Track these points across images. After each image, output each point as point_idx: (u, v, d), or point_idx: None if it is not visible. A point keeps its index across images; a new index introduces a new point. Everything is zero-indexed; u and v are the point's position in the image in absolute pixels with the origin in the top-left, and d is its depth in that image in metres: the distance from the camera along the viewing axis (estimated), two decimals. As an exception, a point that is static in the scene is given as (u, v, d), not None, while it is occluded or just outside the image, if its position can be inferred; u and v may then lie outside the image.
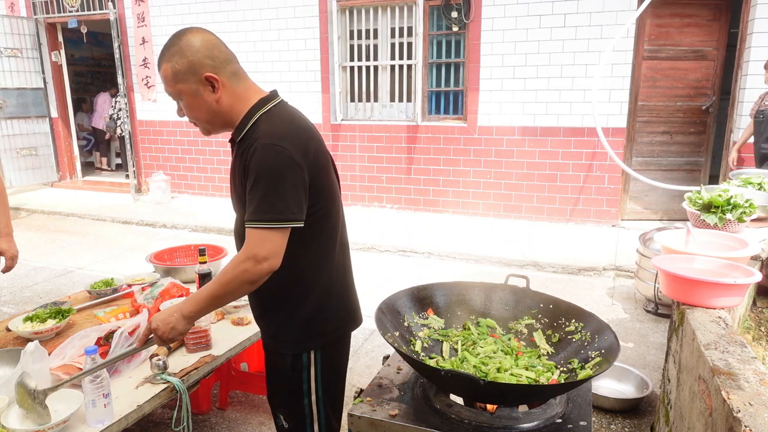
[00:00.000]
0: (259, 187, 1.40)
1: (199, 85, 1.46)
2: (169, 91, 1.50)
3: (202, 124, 1.55)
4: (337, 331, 1.66)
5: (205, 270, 2.59)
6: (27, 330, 2.21)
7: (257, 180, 1.40)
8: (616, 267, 4.95)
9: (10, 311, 4.18)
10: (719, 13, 5.62)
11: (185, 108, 1.52)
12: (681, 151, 6.06)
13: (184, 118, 1.58)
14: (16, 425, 1.55)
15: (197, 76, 1.45)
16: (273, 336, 1.65)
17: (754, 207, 2.64)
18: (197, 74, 1.45)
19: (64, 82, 8.94)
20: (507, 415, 1.47)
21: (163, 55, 1.47)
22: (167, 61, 1.46)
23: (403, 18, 6.53)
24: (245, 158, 1.44)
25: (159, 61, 1.49)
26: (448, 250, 5.44)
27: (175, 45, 1.47)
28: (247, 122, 1.50)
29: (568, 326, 1.74)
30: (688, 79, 5.83)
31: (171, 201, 7.88)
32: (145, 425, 2.69)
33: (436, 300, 1.91)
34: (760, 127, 4.87)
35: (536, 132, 6.20)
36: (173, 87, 1.48)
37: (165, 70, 1.47)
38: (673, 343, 2.33)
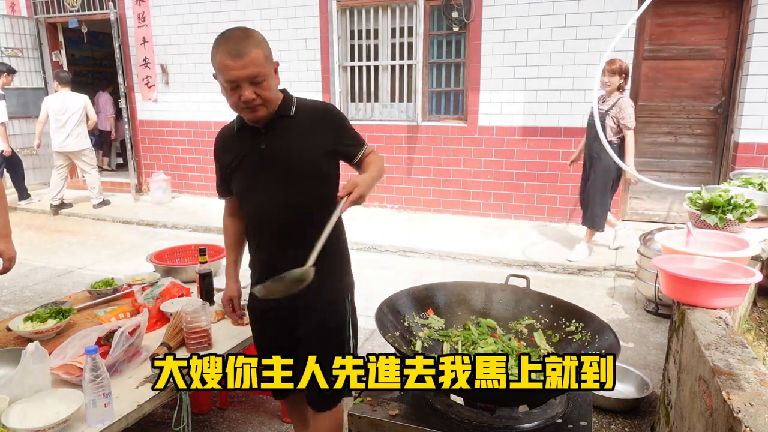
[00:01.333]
0: (351, 128, 1.93)
1: (273, 69, 1.77)
2: (256, 72, 1.68)
3: (269, 105, 1.77)
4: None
5: (206, 270, 2.59)
6: (27, 330, 2.22)
7: (348, 125, 1.93)
8: (617, 267, 4.95)
9: (11, 311, 4.18)
10: (728, 11, 5.53)
11: (265, 89, 1.72)
12: (687, 153, 5.96)
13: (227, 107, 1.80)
14: (16, 425, 1.55)
15: (272, 62, 1.76)
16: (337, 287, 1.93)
17: (754, 207, 2.64)
18: (272, 60, 1.76)
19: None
20: (507, 415, 1.48)
21: (247, 43, 1.68)
22: (256, 46, 1.69)
23: (404, 18, 6.53)
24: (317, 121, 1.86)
25: (245, 47, 1.66)
26: (448, 250, 5.44)
27: (256, 34, 1.74)
28: (291, 100, 1.88)
29: (569, 326, 1.74)
30: (694, 78, 5.76)
31: (171, 201, 7.89)
32: (145, 425, 2.69)
33: (437, 300, 1.91)
34: (592, 129, 4.75)
35: (536, 132, 6.20)
36: (262, 68, 1.70)
37: (257, 54, 1.68)
38: (673, 344, 2.33)
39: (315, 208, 1.82)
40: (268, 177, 1.84)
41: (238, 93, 1.70)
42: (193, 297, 2.61)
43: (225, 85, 1.71)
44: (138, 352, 2.03)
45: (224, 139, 1.97)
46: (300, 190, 1.84)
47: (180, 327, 2.15)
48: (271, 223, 1.87)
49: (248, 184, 1.89)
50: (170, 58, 7.80)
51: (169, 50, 7.78)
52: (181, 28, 7.61)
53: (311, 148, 1.84)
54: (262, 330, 2.04)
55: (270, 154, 1.83)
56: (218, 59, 1.68)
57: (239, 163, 1.88)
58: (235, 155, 1.89)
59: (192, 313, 2.12)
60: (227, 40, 1.68)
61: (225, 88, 1.72)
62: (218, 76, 1.73)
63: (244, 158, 1.87)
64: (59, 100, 7.07)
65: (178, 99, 7.94)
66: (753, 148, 5.39)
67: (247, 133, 1.87)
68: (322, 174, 1.86)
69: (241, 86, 1.69)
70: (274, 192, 1.84)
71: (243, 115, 1.82)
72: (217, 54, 1.68)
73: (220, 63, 1.67)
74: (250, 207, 1.92)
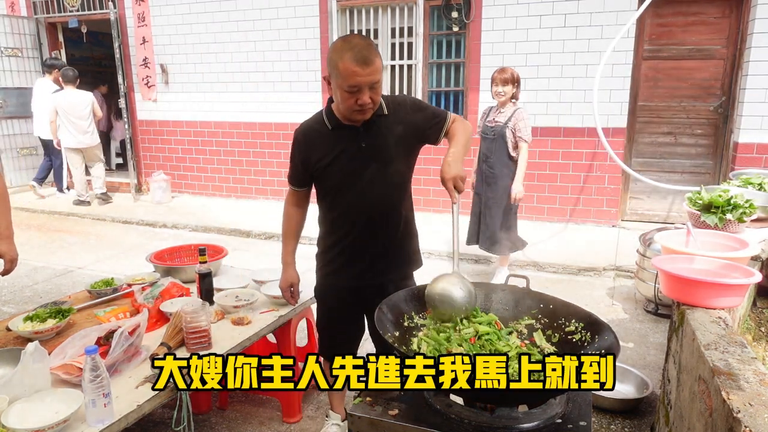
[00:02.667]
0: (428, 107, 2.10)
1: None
2: (378, 79, 1.85)
3: (376, 107, 1.94)
4: None
5: (205, 270, 2.59)
6: (27, 330, 2.21)
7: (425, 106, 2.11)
8: (616, 267, 4.95)
9: (11, 311, 4.18)
10: (728, 11, 5.53)
11: (378, 94, 1.89)
12: (686, 153, 5.96)
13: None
14: (15, 425, 1.55)
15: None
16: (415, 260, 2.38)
17: (754, 207, 2.64)
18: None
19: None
20: (507, 415, 1.48)
21: (371, 51, 1.82)
22: (377, 55, 1.85)
23: (404, 18, 6.53)
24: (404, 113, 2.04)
25: (370, 55, 1.81)
26: (448, 249, 5.44)
27: (373, 42, 1.89)
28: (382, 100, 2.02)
29: (568, 326, 1.74)
30: (694, 78, 5.75)
31: (171, 201, 7.89)
32: (145, 425, 2.69)
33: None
34: (488, 144, 4.38)
35: (537, 132, 6.18)
36: (381, 75, 1.88)
37: (379, 62, 1.85)
38: (673, 344, 2.33)
39: (403, 197, 2.17)
40: (366, 173, 2.03)
41: (356, 97, 1.85)
42: (192, 297, 2.61)
43: (346, 89, 1.84)
44: (138, 352, 2.03)
45: (313, 135, 2.08)
46: (394, 184, 2.10)
47: (180, 327, 2.15)
48: (364, 213, 2.09)
49: (347, 179, 2.06)
50: (170, 58, 7.80)
51: (168, 50, 7.78)
52: (180, 27, 7.61)
53: (403, 144, 2.06)
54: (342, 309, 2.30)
55: (370, 152, 2.02)
56: (344, 65, 1.80)
57: (334, 159, 2.03)
58: (329, 152, 2.04)
59: (192, 313, 2.12)
60: (352, 47, 1.81)
61: (342, 91, 1.86)
62: (338, 80, 1.85)
63: (341, 155, 2.03)
64: (67, 98, 7.15)
65: (177, 99, 7.94)
66: (753, 148, 5.39)
67: (343, 132, 2.02)
68: (410, 167, 2.16)
69: (361, 90, 1.83)
70: (372, 186, 2.05)
71: (354, 116, 1.95)
72: (343, 60, 1.80)
73: (347, 69, 1.80)
74: (346, 199, 2.09)
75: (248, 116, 7.51)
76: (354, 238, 2.14)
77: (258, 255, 5.60)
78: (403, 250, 2.25)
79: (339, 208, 2.14)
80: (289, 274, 2.35)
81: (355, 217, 2.11)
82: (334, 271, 2.24)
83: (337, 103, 1.99)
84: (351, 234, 2.14)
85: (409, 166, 2.16)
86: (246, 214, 7.14)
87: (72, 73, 7.18)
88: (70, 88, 7.15)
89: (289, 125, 7.22)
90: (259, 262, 5.15)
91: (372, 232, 2.13)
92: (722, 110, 5.74)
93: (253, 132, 7.53)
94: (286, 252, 2.32)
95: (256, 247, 5.91)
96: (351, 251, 2.17)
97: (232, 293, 2.66)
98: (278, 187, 7.61)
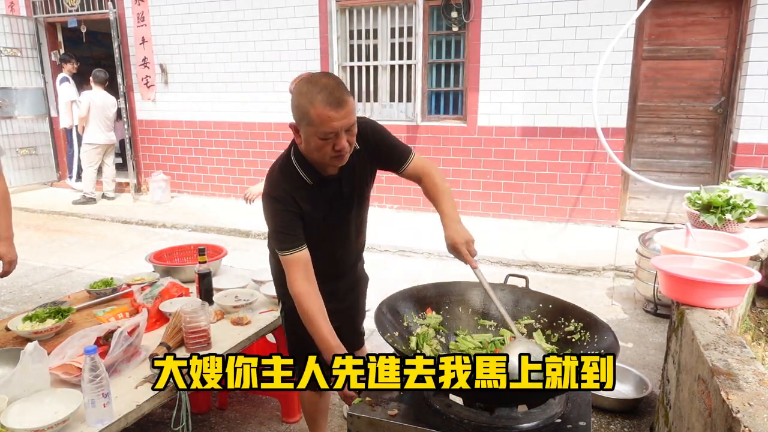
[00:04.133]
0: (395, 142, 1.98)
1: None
2: (353, 121, 1.68)
3: (352, 149, 1.76)
4: None
5: (205, 270, 2.59)
6: (26, 329, 2.21)
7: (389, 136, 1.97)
8: (616, 267, 4.95)
9: (10, 311, 4.18)
10: (727, 11, 5.52)
11: (353, 135, 1.72)
12: (686, 153, 5.96)
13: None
14: (15, 425, 1.55)
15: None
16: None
17: (753, 207, 2.65)
18: None
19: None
20: (506, 415, 1.48)
21: (342, 90, 1.64)
22: (349, 94, 1.66)
23: (403, 18, 6.53)
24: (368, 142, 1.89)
25: (343, 95, 1.63)
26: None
27: (338, 77, 1.77)
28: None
29: (568, 326, 1.74)
30: (693, 78, 5.75)
31: (171, 201, 7.88)
32: (144, 425, 2.69)
33: (436, 300, 1.91)
34: None
35: (536, 132, 6.20)
36: (355, 115, 1.69)
37: (352, 101, 1.67)
38: (672, 344, 2.34)
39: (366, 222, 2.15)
40: (350, 215, 1.98)
41: (333, 143, 1.66)
42: (192, 297, 2.61)
43: (321, 137, 1.64)
44: (137, 352, 2.03)
45: (293, 191, 1.82)
46: (366, 214, 2.10)
47: (179, 327, 2.15)
48: (349, 253, 2.11)
49: (331, 229, 1.96)
50: (169, 58, 7.80)
51: (168, 50, 7.77)
52: (180, 28, 7.61)
53: (372, 174, 2.00)
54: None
55: (350, 194, 1.93)
56: (316, 111, 1.60)
57: (323, 213, 1.89)
58: (316, 207, 1.86)
59: (191, 313, 2.11)
60: (322, 89, 1.61)
61: (317, 139, 1.66)
62: (311, 127, 1.65)
63: (326, 206, 1.89)
64: (100, 97, 7.45)
65: (177, 99, 7.94)
66: (752, 148, 5.39)
67: (327, 185, 1.87)
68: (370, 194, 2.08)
69: (338, 135, 1.65)
70: (354, 227, 2.03)
71: (332, 163, 1.75)
72: (314, 105, 1.60)
73: (320, 114, 1.60)
74: (323, 247, 1.93)
75: (248, 116, 7.51)
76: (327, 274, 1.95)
77: (258, 255, 5.60)
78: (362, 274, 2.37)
79: (312, 252, 1.85)
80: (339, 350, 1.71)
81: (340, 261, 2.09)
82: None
83: (309, 152, 1.76)
84: (324, 272, 1.92)
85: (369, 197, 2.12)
86: (245, 214, 7.13)
87: (103, 75, 7.51)
88: (98, 89, 7.47)
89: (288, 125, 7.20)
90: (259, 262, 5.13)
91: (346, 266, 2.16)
92: (721, 110, 5.74)
93: (253, 132, 7.52)
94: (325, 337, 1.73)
95: (256, 247, 5.91)
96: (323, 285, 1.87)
97: (232, 293, 2.65)
98: (278, 187, 7.60)
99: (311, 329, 1.77)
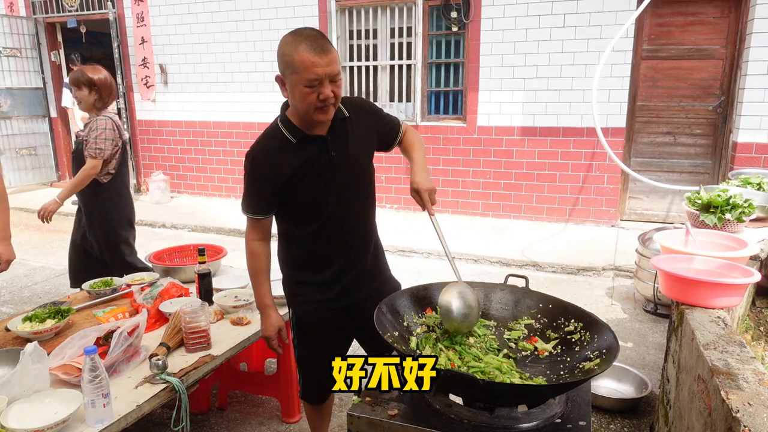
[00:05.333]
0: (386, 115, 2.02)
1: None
2: (337, 70, 1.72)
3: (337, 104, 1.80)
4: None
5: (204, 270, 2.59)
6: (26, 330, 2.21)
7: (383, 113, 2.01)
8: (616, 267, 4.95)
9: (10, 311, 4.18)
10: (727, 11, 5.53)
11: (340, 87, 1.75)
12: (686, 153, 5.95)
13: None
14: (14, 425, 1.55)
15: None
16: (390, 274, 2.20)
17: (753, 207, 2.65)
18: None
19: (63, 81, 8.93)
20: (506, 415, 1.48)
21: (326, 40, 1.70)
22: (332, 46, 1.71)
23: (403, 18, 6.53)
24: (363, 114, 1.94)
25: (326, 44, 1.68)
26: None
27: (323, 33, 1.78)
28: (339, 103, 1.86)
29: (568, 326, 1.74)
30: (693, 78, 5.75)
31: (170, 201, 7.88)
32: (144, 425, 2.69)
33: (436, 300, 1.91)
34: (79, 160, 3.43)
35: (536, 132, 6.20)
36: (339, 67, 1.73)
37: (335, 53, 1.71)
38: (672, 343, 2.34)
39: (372, 207, 2.03)
40: (340, 183, 1.87)
41: (318, 91, 1.69)
42: (192, 297, 2.61)
43: (305, 84, 1.68)
44: (137, 352, 2.03)
45: (274, 153, 1.84)
46: (366, 192, 1.98)
47: (179, 327, 2.15)
48: (343, 230, 1.93)
49: (321, 193, 1.86)
50: (169, 58, 7.80)
51: (167, 50, 7.77)
52: (179, 28, 7.61)
53: (367, 148, 1.96)
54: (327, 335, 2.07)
55: (340, 162, 1.85)
56: (300, 57, 1.65)
57: (304, 175, 1.83)
58: (297, 168, 1.82)
59: (191, 313, 2.11)
60: (306, 38, 1.67)
61: (302, 87, 1.69)
62: (295, 75, 1.68)
63: (310, 170, 1.83)
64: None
65: (176, 99, 7.94)
66: (752, 148, 5.40)
67: (310, 143, 1.83)
68: (373, 172, 2.01)
69: (322, 83, 1.68)
70: (346, 196, 1.90)
71: (316, 117, 1.75)
72: (298, 52, 1.65)
73: (304, 60, 1.64)
74: (320, 218, 1.89)
75: (247, 116, 7.51)
76: (332, 258, 1.96)
77: (257, 255, 5.59)
78: (377, 261, 2.11)
79: (312, 228, 1.91)
80: (273, 317, 2.01)
81: (330, 235, 1.92)
82: (309, 296, 2.01)
83: (294, 105, 1.79)
84: (329, 254, 1.95)
85: (373, 172, 2.01)
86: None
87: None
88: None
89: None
90: (259, 262, 5.14)
91: (350, 252, 1.98)
92: (721, 110, 5.74)
93: (252, 132, 7.52)
94: (262, 294, 2.00)
95: (256, 247, 5.90)
96: (330, 271, 1.97)
97: (232, 293, 2.65)
98: (277, 187, 7.61)
99: (253, 282, 2.02)
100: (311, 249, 1.97)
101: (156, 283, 2.68)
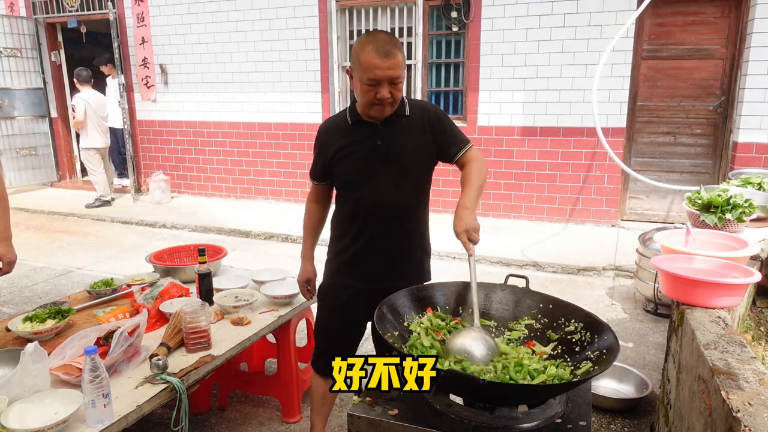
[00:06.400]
0: (452, 127, 2.08)
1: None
2: (398, 74, 1.86)
3: (396, 104, 1.95)
4: None
5: (205, 270, 2.59)
6: (26, 330, 2.21)
7: (449, 124, 2.07)
8: (616, 267, 4.95)
9: (10, 311, 4.18)
10: (727, 11, 5.52)
11: (399, 90, 1.90)
12: (686, 153, 5.95)
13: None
14: (15, 425, 1.55)
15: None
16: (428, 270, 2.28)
17: (753, 207, 2.65)
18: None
19: (63, 82, 8.94)
20: (507, 415, 1.47)
21: (394, 45, 1.84)
22: (400, 50, 1.85)
23: (403, 18, 6.53)
24: (425, 118, 2.03)
25: (392, 49, 1.82)
26: (447, 249, 5.44)
27: (397, 39, 1.89)
28: (404, 99, 2.03)
29: (568, 326, 1.74)
30: (693, 78, 5.74)
31: (171, 201, 7.88)
32: (144, 425, 2.69)
33: (436, 300, 1.91)
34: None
35: (536, 132, 6.20)
36: (402, 71, 1.87)
37: (401, 58, 1.85)
38: (672, 343, 2.34)
39: (417, 205, 2.13)
40: (381, 170, 2.01)
41: (375, 90, 1.85)
42: (192, 297, 2.61)
43: (366, 82, 1.84)
44: (137, 352, 2.03)
45: (333, 129, 2.08)
46: (409, 186, 2.06)
47: (179, 327, 2.15)
48: (377, 213, 2.05)
49: (360, 174, 2.03)
50: (169, 58, 7.80)
51: (168, 50, 7.78)
52: (180, 28, 7.61)
53: (422, 149, 2.04)
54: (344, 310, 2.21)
55: (386, 150, 2.00)
56: (365, 57, 1.81)
57: (350, 152, 2.02)
58: (346, 144, 2.02)
59: (191, 313, 2.11)
60: (375, 40, 1.82)
61: (362, 84, 1.86)
62: (359, 72, 1.85)
63: (356, 150, 2.01)
64: (92, 97, 7.29)
65: (177, 99, 7.94)
66: (752, 147, 5.40)
67: (362, 127, 2.01)
68: (428, 174, 2.13)
69: (381, 84, 1.84)
70: (386, 185, 2.02)
71: (372, 112, 1.94)
72: (364, 52, 1.82)
73: (368, 61, 1.81)
74: (358, 195, 2.06)
75: (247, 116, 7.51)
76: (362, 237, 2.09)
77: (257, 255, 5.60)
78: (412, 261, 2.18)
79: (349, 205, 2.11)
80: (306, 269, 2.32)
81: (364, 216, 2.07)
82: (340, 269, 2.19)
83: (357, 95, 1.97)
84: (359, 233, 2.09)
85: (426, 176, 2.12)
86: (245, 214, 7.14)
87: (86, 73, 7.32)
88: (87, 89, 7.30)
89: (288, 125, 7.22)
90: (259, 262, 5.15)
91: (381, 234, 2.07)
92: (721, 110, 5.73)
93: (253, 132, 7.53)
94: (306, 247, 2.32)
95: (256, 248, 5.91)
96: (359, 250, 2.12)
97: (232, 293, 2.65)
98: (278, 188, 7.61)
99: (303, 236, 2.32)
100: (346, 226, 2.13)
101: (156, 283, 2.68)
